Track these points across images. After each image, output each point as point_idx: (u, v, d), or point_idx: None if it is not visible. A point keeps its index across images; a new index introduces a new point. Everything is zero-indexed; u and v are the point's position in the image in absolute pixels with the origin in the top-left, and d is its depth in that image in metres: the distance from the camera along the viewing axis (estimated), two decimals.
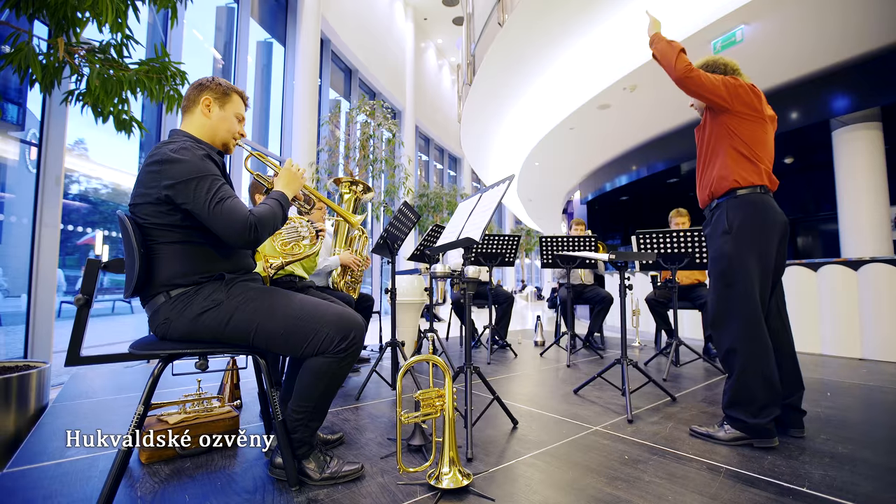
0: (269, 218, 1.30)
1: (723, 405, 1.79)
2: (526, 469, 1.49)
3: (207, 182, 1.23)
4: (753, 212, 1.74)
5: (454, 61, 15.87)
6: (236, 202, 1.26)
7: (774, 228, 1.76)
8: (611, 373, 2.83)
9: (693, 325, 5.00)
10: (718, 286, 1.81)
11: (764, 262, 1.74)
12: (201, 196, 1.21)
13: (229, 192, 1.28)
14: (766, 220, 1.75)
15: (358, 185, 3.44)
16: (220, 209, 1.22)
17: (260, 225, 1.27)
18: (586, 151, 9.49)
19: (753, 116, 1.78)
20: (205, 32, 6.08)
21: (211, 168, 1.27)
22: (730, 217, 1.77)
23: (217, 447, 1.63)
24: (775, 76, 5.68)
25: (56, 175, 3.53)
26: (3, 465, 1.53)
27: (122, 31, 2.42)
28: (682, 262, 3.02)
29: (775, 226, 1.76)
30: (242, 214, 1.24)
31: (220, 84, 1.43)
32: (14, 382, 1.93)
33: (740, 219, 1.75)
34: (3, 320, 4.86)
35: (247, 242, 1.26)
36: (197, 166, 1.23)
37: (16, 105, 3.94)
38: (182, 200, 1.22)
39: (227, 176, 1.44)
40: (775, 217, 1.76)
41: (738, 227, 1.74)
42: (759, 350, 1.69)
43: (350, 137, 7.63)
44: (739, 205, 1.76)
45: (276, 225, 1.33)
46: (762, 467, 1.50)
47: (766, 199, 1.76)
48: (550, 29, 5.73)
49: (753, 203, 1.75)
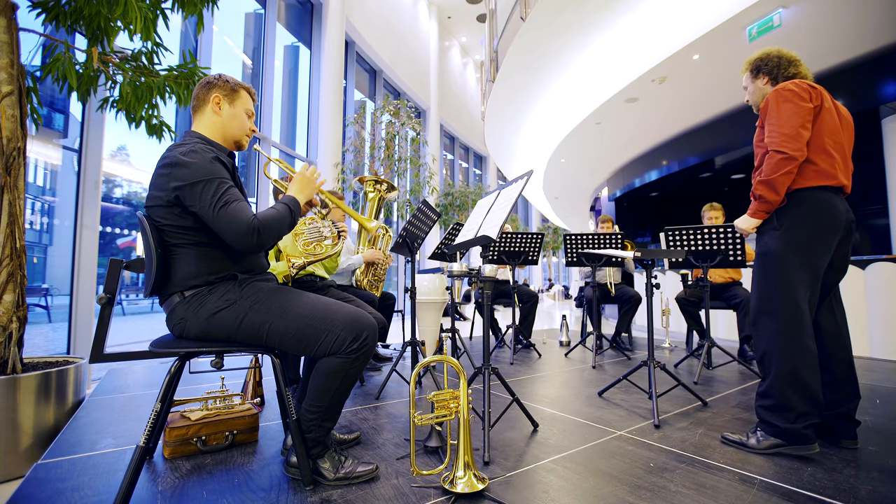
0: (274, 222, 1.29)
1: (756, 409, 1.69)
2: (545, 474, 1.44)
3: (213, 185, 1.23)
4: (809, 211, 1.62)
5: (478, 59, 15.78)
6: (241, 206, 1.26)
7: (831, 229, 1.62)
8: (638, 375, 2.73)
9: (728, 326, 4.78)
10: (760, 284, 1.70)
11: (814, 263, 1.61)
12: (206, 199, 1.22)
13: (235, 195, 1.27)
14: (823, 220, 1.61)
15: (382, 183, 3.47)
16: (223, 213, 1.22)
17: (264, 229, 1.25)
18: (614, 147, 9.24)
19: (817, 118, 1.65)
20: (235, 38, 6.27)
21: (219, 171, 1.27)
22: (783, 214, 1.65)
23: (237, 444, 1.66)
24: (817, 62, 5.36)
25: (95, 179, 3.70)
26: (40, 455, 1.61)
27: (152, 39, 2.51)
28: (715, 260, 2.88)
29: (833, 225, 1.62)
30: (246, 218, 1.23)
31: (228, 81, 1.44)
32: (53, 377, 2.03)
33: (793, 217, 1.63)
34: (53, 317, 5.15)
35: (250, 246, 1.24)
36: (204, 169, 1.24)
37: (61, 114, 4.16)
38: (189, 203, 1.23)
39: (238, 178, 1.45)
40: (835, 216, 1.61)
41: (788, 225, 1.63)
42: (797, 354, 1.58)
43: (375, 137, 7.70)
44: (794, 202, 1.64)
45: (283, 230, 1.32)
46: (801, 480, 1.40)
47: (825, 198, 1.62)
48: (574, 21, 5.60)
49: (809, 201, 1.62)
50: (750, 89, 1.89)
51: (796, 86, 1.65)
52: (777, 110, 1.64)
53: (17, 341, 2.00)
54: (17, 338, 2.01)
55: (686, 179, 9.15)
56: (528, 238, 3.67)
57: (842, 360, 1.69)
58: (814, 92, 1.66)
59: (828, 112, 1.66)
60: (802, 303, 1.60)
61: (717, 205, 3.54)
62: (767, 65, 1.81)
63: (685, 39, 5.24)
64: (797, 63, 1.78)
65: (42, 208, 4.40)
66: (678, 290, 3.70)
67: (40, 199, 4.30)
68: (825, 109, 1.66)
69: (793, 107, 1.62)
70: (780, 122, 1.62)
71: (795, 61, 1.78)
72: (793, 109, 1.61)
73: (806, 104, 1.62)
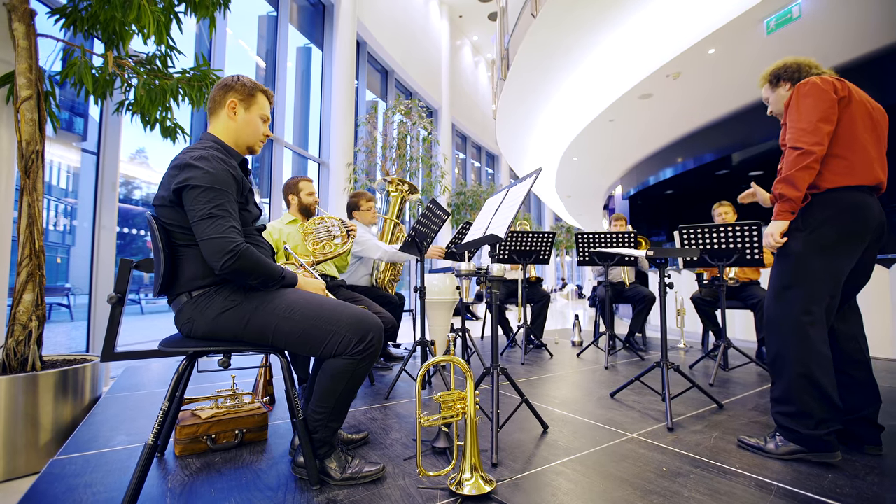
0: (257, 265, 1.25)
1: (773, 415, 1.64)
2: (554, 477, 1.42)
3: (212, 194, 1.21)
4: (836, 213, 1.54)
5: (490, 58, 15.72)
6: (231, 225, 1.22)
7: (859, 234, 1.54)
8: (651, 376, 2.68)
9: (745, 327, 4.67)
10: (776, 284, 1.64)
11: (836, 269, 1.54)
12: (199, 204, 1.20)
13: (230, 214, 1.24)
14: (851, 224, 1.53)
15: (405, 184, 3.51)
16: (210, 222, 1.19)
17: (244, 259, 1.21)
18: (627, 144, 9.11)
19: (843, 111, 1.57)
20: (249, 41, 6.35)
21: (226, 185, 1.25)
22: (807, 214, 1.58)
23: (246, 442, 1.68)
24: (840, 54, 5.19)
25: (112, 181, 3.78)
26: (58, 451, 1.64)
27: (165, 42, 2.55)
28: (731, 259, 2.81)
29: (861, 231, 1.54)
30: (233, 235, 1.21)
31: (245, 84, 1.42)
32: (71, 375, 2.08)
33: (818, 218, 1.55)
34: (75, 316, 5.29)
35: (221, 265, 1.19)
36: (211, 177, 1.22)
37: (81, 117, 4.26)
38: (185, 203, 1.22)
39: (249, 185, 1.43)
40: (864, 220, 1.53)
41: (812, 227, 1.56)
42: (810, 359, 1.52)
43: (386, 137, 7.73)
44: (821, 203, 1.56)
45: (259, 276, 1.27)
46: (821, 487, 1.35)
47: (856, 199, 1.53)
48: (586, 17, 5.52)
49: (838, 202, 1.54)
50: (772, 99, 1.81)
51: (820, 79, 1.57)
52: (797, 106, 1.58)
53: (36, 339, 2.05)
54: (36, 336, 2.06)
55: (702, 177, 8.96)
56: (539, 237, 3.63)
57: (859, 362, 1.62)
58: (839, 84, 1.58)
59: (859, 104, 1.58)
60: (818, 309, 1.54)
61: (726, 202, 3.46)
62: (787, 71, 1.73)
63: (700, 33, 5.13)
64: (818, 66, 1.71)
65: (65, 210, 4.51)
66: (694, 289, 3.62)
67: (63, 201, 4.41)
68: (855, 101, 1.57)
69: (812, 101, 1.55)
70: (798, 117, 1.56)
71: (816, 66, 1.71)
72: (812, 104, 1.54)
73: (829, 95, 1.54)
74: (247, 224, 1.40)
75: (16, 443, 1.75)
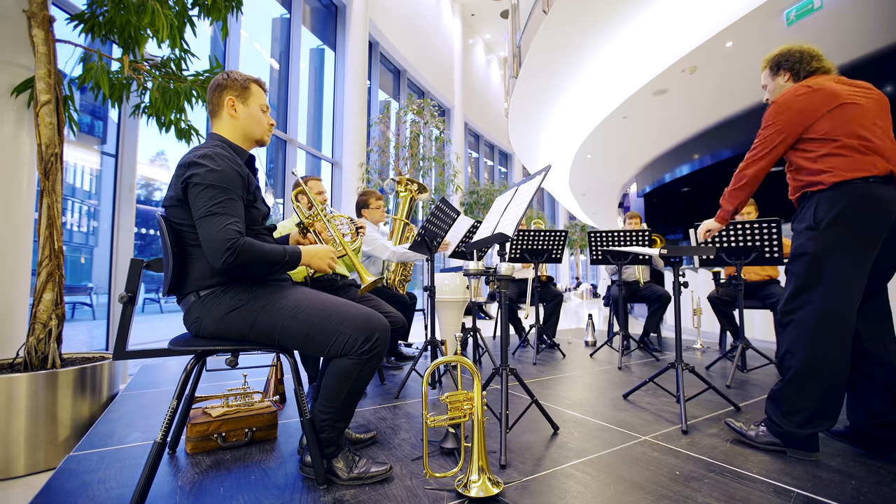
0: (258, 256, 1.23)
1: (765, 402, 1.66)
2: (563, 480, 1.39)
3: (214, 191, 1.22)
4: (849, 207, 1.47)
5: (502, 56, 15.64)
6: (230, 221, 1.21)
7: (876, 227, 1.46)
8: (666, 377, 2.62)
9: (764, 327, 4.55)
10: (792, 285, 1.60)
11: (853, 264, 1.48)
12: (200, 202, 1.21)
13: (231, 210, 1.23)
14: (866, 218, 1.46)
15: (413, 184, 3.51)
16: (209, 220, 1.19)
17: (245, 253, 1.19)
18: (642, 141, 8.96)
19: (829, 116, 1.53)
20: (263, 43, 6.43)
21: (231, 182, 1.25)
22: (819, 211, 1.51)
23: (256, 441, 1.69)
24: (862, 46, 5.01)
25: (130, 183, 3.86)
26: (74, 447, 1.68)
27: (179, 46, 2.59)
28: (749, 258, 2.73)
29: (878, 224, 1.46)
30: (231, 232, 1.19)
31: (237, 79, 1.41)
32: (88, 372, 2.12)
33: (832, 214, 1.48)
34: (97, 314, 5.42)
35: (222, 262, 1.18)
36: (216, 176, 1.23)
37: (101, 120, 4.37)
38: (190, 200, 1.23)
39: (256, 188, 1.43)
40: (880, 212, 1.45)
41: (826, 224, 1.49)
42: (816, 360, 1.49)
43: (399, 137, 7.75)
44: (833, 198, 1.49)
45: (261, 267, 1.26)
46: (845, 494, 1.29)
47: (869, 191, 1.46)
48: (598, 12, 5.44)
49: (850, 196, 1.47)
50: (770, 87, 1.79)
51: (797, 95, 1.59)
52: (765, 121, 1.67)
53: (56, 338, 2.11)
54: (56, 334, 2.11)
55: (719, 174, 8.75)
56: (551, 235, 3.59)
57: (883, 364, 1.55)
58: (818, 95, 1.55)
59: (852, 107, 1.53)
60: (835, 307, 1.49)
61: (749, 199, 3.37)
62: (789, 60, 1.70)
63: (717, 26, 5.00)
64: (820, 57, 1.67)
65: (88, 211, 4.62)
66: (711, 288, 3.54)
67: (86, 202, 4.52)
68: (842, 106, 1.53)
69: (771, 128, 1.63)
70: (759, 135, 1.69)
71: (818, 56, 1.67)
72: (770, 131, 1.64)
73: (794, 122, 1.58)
74: (256, 222, 1.40)
75: (37, 438, 1.79)
